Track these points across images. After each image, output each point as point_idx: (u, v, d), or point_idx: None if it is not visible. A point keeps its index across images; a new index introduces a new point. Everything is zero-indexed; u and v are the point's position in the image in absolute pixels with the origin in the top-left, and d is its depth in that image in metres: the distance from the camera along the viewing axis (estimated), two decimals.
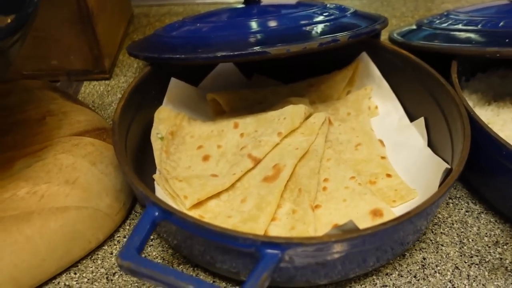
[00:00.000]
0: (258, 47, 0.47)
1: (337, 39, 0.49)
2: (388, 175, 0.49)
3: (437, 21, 0.63)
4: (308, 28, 0.51)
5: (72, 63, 0.67)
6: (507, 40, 0.51)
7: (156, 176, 0.48)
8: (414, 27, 0.67)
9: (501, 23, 0.54)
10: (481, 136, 0.44)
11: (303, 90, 0.61)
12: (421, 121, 0.54)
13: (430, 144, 0.52)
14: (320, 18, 0.54)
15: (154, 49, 0.54)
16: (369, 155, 0.52)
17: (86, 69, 0.67)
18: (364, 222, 0.43)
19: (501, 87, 0.60)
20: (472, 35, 0.54)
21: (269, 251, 0.34)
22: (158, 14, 0.88)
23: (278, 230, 0.43)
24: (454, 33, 0.57)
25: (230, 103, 0.58)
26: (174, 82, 0.56)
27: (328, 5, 0.61)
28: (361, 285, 0.42)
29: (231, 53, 0.48)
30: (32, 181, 0.39)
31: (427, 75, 0.53)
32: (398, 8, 0.88)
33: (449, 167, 0.43)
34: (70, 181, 0.40)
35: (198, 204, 0.45)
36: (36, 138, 0.43)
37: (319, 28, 0.51)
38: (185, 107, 0.58)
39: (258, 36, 0.50)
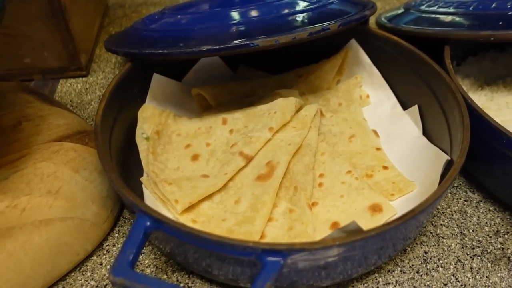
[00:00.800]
0: (245, 40, 0.45)
1: (327, 28, 0.47)
2: (385, 167, 0.47)
3: (426, 4, 0.61)
4: (295, 17, 0.49)
5: (46, 61, 0.63)
6: (500, 23, 0.49)
7: (143, 179, 0.45)
8: (401, 10, 0.65)
9: (493, 5, 0.53)
10: (480, 124, 0.43)
11: (291, 81, 0.59)
12: (415, 109, 0.52)
13: (425, 133, 0.50)
14: (307, 5, 0.52)
15: (134, 44, 0.51)
16: (363, 146, 0.50)
17: (62, 66, 0.64)
18: (363, 218, 0.42)
19: (492, 70, 0.59)
20: (464, 19, 0.53)
21: (271, 258, 0.32)
22: (134, 5, 0.84)
23: (275, 231, 0.41)
24: (445, 16, 0.55)
25: (217, 98, 0.56)
26: (156, 78, 0.54)
27: None
28: (363, 284, 0.41)
29: (217, 47, 0.45)
30: (11, 193, 0.36)
31: (421, 62, 0.51)
32: None
33: (449, 158, 0.42)
34: (53, 191, 0.38)
35: (190, 208, 0.43)
36: (12, 147, 0.40)
37: (307, 16, 0.49)
38: (170, 104, 0.55)
39: (244, 27, 0.47)
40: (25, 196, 0.36)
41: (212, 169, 0.47)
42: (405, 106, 0.54)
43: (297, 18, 0.49)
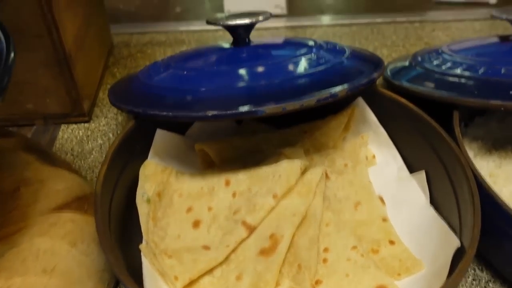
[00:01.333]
0: (252, 106, 0.44)
1: (336, 94, 0.46)
2: (391, 242, 0.46)
3: (433, 61, 0.60)
4: (303, 80, 0.48)
5: (48, 107, 0.62)
6: (510, 92, 0.49)
7: (143, 247, 0.44)
8: (406, 63, 0.65)
9: (503, 70, 0.52)
10: (490, 204, 0.42)
11: (296, 137, 0.58)
12: (422, 174, 0.51)
13: (432, 201, 0.49)
14: (315, 66, 0.52)
15: (138, 101, 0.50)
16: (369, 215, 0.49)
17: (64, 113, 0.63)
18: None
19: (500, 130, 0.58)
20: (473, 84, 0.52)
21: None
22: (140, 44, 0.83)
23: None
24: (454, 79, 0.54)
25: (221, 154, 0.55)
26: (160, 133, 0.53)
27: (322, 45, 0.58)
28: None
29: (223, 113, 0.44)
30: (5, 273, 0.35)
31: (428, 127, 0.50)
32: (388, 36, 0.86)
33: (459, 244, 0.41)
34: (48, 270, 0.36)
35: (191, 283, 0.42)
36: (10, 216, 0.39)
37: (315, 80, 0.48)
38: (173, 159, 0.54)
39: (251, 91, 0.47)
40: (19, 276, 0.35)
41: (213, 237, 0.46)
42: (411, 170, 0.53)
43: (305, 82, 0.48)
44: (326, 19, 0.91)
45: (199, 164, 0.56)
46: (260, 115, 0.44)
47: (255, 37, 0.71)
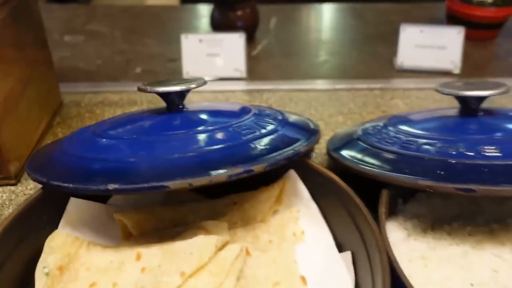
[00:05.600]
0: (156, 181, 0.42)
1: (251, 170, 0.44)
2: None
3: (375, 135, 0.59)
4: (219, 153, 0.46)
5: None
6: (442, 172, 0.46)
7: None
8: (351, 135, 0.63)
9: (437, 148, 0.50)
10: None
11: (225, 208, 0.55)
12: (348, 255, 0.48)
13: (357, 285, 0.46)
14: (241, 136, 0.50)
15: (46, 170, 0.48)
16: None
17: None
18: None
19: (443, 208, 0.55)
20: (405, 162, 0.50)
21: None
22: (91, 104, 0.82)
23: None
24: (388, 155, 0.52)
25: (140, 225, 0.51)
26: (74, 202, 0.50)
27: (258, 113, 0.57)
28: None
29: (124, 187, 0.42)
30: None
31: (354, 206, 0.47)
32: (346, 104, 0.84)
33: None
34: None
35: None
36: None
37: (232, 154, 0.46)
38: (89, 229, 0.51)
39: (161, 164, 0.44)
40: None
41: None
42: (340, 249, 0.50)
43: (221, 155, 0.46)
44: (284, 84, 0.91)
45: (120, 235, 0.52)
46: (163, 190, 0.41)
47: (210, 99, 0.70)
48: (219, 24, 1.09)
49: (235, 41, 0.92)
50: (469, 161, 0.46)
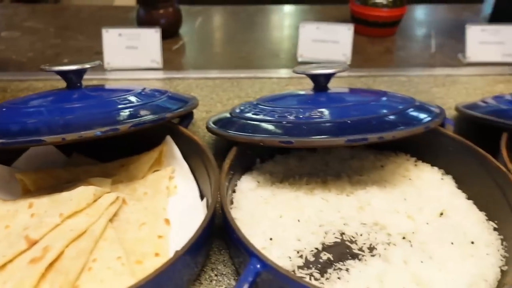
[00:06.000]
0: (32, 136, 0.52)
1: (117, 129, 0.55)
2: (157, 254, 0.53)
3: (244, 111, 0.69)
4: (91, 117, 0.57)
5: None
6: (275, 130, 0.58)
7: None
8: (228, 114, 0.74)
9: (279, 114, 0.62)
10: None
11: (114, 170, 0.66)
12: (204, 201, 0.59)
13: None
14: (113, 105, 0.61)
15: None
16: (148, 234, 0.56)
17: None
18: None
19: (298, 167, 0.67)
20: (251, 126, 0.61)
21: None
22: (17, 89, 0.91)
23: None
24: (241, 121, 0.64)
25: (38, 183, 0.61)
26: None
27: (146, 90, 0.68)
28: None
29: (8, 141, 0.52)
30: None
31: (208, 162, 0.59)
32: (244, 89, 0.96)
33: None
34: None
35: None
36: None
37: (104, 118, 0.57)
38: None
39: (48, 124, 0.55)
40: None
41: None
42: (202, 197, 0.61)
43: (91, 118, 0.57)
44: (194, 73, 1.02)
45: (21, 192, 0.62)
46: (40, 144, 0.52)
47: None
48: (143, 21, 1.19)
49: (151, 36, 1.03)
50: (295, 122, 0.58)
